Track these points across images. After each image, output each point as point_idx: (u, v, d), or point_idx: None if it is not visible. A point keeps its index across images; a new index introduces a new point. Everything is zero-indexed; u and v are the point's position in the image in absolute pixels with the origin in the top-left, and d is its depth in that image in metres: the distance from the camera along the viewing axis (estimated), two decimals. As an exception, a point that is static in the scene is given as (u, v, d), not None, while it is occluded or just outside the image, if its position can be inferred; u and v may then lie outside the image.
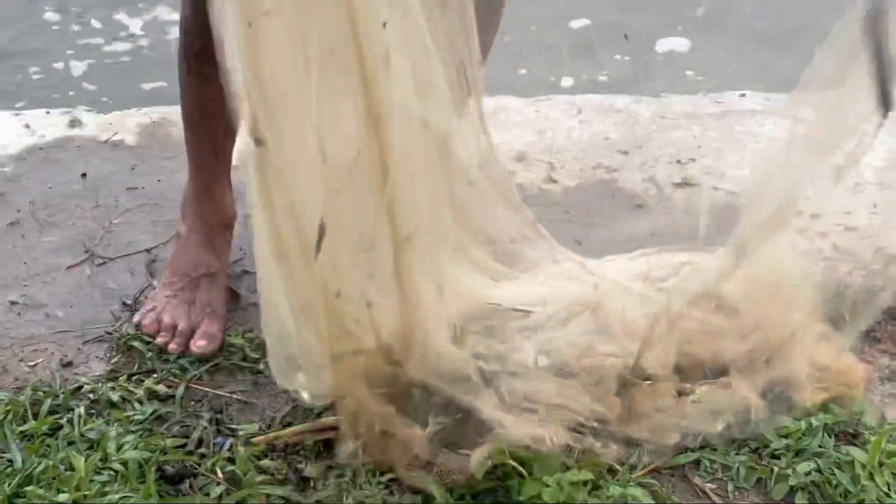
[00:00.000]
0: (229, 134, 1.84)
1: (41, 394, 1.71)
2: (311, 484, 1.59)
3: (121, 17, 3.65)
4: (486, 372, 1.64)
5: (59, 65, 3.43)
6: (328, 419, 1.68)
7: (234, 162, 1.92)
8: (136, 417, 1.68)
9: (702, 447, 1.68)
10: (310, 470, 1.61)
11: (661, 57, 3.54)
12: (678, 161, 2.45)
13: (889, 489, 1.61)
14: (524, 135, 2.49)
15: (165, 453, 1.60)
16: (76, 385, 1.74)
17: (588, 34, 3.57)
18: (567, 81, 3.29)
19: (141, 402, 1.72)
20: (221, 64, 1.49)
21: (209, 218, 1.92)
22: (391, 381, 1.60)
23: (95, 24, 3.62)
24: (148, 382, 1.75)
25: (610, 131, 2.54)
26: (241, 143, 1.65)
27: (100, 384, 1.74)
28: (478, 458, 1.54)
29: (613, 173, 2.40)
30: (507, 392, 1.60)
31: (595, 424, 1.63)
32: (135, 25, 3.60)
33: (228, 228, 1.95)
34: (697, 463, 1.66)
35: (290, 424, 1.69)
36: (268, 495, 1.55)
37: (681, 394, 1.73)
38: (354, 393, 1.57)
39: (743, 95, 2.70)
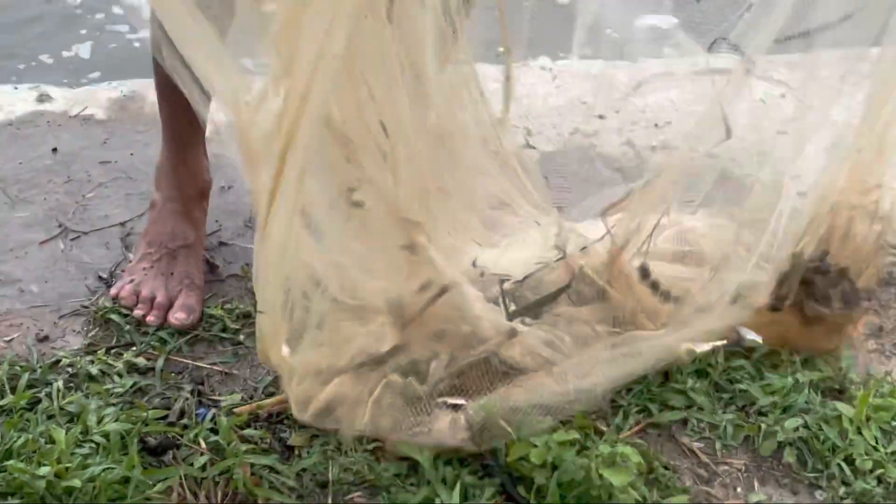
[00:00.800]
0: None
1: (18, 368, 1.68)
2: (296, 452, 1.58)
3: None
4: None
5: (70, 52, 3.38)
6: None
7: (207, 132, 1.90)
8: (115, 390, 1.65)
9: (688, 406, 1.67)
10: (294, 439, 1.59)
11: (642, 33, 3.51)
12: (655, 125, 2.44)
13: (877, 442, 1.61)
14: (500, 101, 2.47)
15: (147, 425, 1.57)
16: (54, 359, 1.71)
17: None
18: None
19: (120, 375, 1.69)
20: None
21: (185, 187, 1.89)
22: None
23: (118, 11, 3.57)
24: (127, 355, 1.72)
25: (586, 96, 2.52)
26: (217, 114, 1.63)
27: (78, 358, 1.71)
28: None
29: (591, 138, 2.39)
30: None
31: (580, 383, 1.62)
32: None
33: (204, 197, 1.93)
34: (685, 422, 1.66)
35: (272, 394, 1.68)
36: (252, 464, 1.53)
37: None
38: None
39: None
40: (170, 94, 1.82)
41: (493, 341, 1.59)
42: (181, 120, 1.85)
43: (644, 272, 1.73)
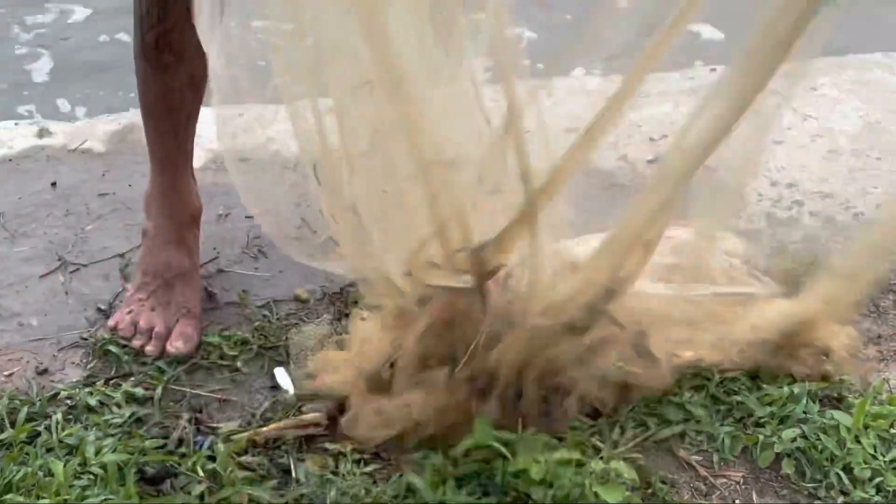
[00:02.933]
0: (191, 126, 1.84)
1: (18, 402, 1.69)
2: (294, 477, 1.58)
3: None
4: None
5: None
6: (309, 415, 1.67)
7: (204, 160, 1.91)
8: (114, 421, 1.66)
9: (686, 419, 1.67)
10: (293, 465, 1.60)
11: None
12: (651, 139, 2.44)
13: (875, 451, 1.60)
14: (494, 119, 2.47)
15: (145, 454, 1.58)
16: (53, 392, 1.72)
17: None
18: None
19: (119, 406, 1.70)
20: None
21: (176, 213, 1.89)
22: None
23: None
24: (125, 386, 1.73)
25: (582, 112, 2.52)
26: (223, 144, 1.65)
27: (77, 390, 1.72)
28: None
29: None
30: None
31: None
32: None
33: (196, 222, 1.93)
34: (682, 435, 1.65)
35: (269, 420, 1.68)
36: (250, 494, 1.54)
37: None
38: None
39: (713, 70, 2.69)
40: (157, 119, 1.84)
41: None
42: (168, 145, 1.86)
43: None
